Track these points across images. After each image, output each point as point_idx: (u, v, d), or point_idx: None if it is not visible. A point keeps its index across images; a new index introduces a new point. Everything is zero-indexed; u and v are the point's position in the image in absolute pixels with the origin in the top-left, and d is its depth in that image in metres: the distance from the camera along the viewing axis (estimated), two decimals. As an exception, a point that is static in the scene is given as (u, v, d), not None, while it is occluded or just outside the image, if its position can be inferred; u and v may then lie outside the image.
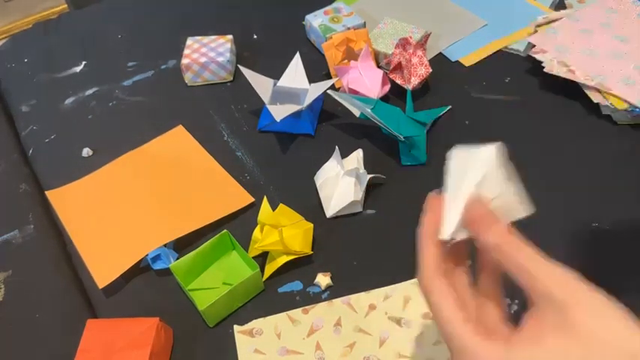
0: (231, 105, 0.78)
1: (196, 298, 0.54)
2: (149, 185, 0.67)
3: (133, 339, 0.49)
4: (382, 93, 0.72)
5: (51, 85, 0.85)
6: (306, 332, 0.52)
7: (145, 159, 0.71)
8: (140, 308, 0.56)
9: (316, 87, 0.71)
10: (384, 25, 0.82)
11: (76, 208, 0.66)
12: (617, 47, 0.73)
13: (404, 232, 0.60)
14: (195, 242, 0.61)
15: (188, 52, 0.81)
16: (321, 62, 0.81)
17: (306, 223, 0.58)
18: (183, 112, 0.78)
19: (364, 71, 0.72)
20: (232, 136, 0.74)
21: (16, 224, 0.65)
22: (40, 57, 0.91)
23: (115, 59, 0.89)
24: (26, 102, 0.83)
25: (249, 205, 0.64)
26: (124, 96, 0.82)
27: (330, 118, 0.75)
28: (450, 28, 0.86)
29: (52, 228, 0.65)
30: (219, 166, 0.69)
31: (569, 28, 0.77)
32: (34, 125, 0.79)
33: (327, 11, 0.86)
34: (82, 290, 0.59)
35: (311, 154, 0.70)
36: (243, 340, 0.52)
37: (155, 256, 0.58)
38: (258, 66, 0.76)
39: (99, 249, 0.61)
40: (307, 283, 0.57)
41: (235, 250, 0.59)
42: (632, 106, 0.66)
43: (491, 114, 0.73)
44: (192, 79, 0.81)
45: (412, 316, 0.53)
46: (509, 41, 0.83)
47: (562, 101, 0.73)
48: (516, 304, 0.52)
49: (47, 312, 0.57)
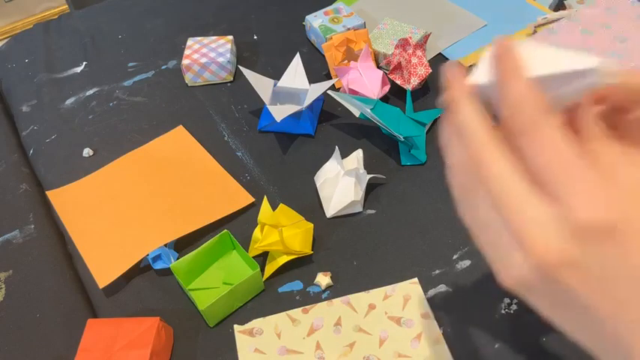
0: (232, 105, 0.78)
1: (196, 297, 0.54)
2: (149, 185, 0.68)
3: (133, 339, 0.49)
4: (382, 93, 0.72)
5: (51, 86, 0.85)
6: (306, 332, 0.52)
7: (145, 159, 0.72)
8: (140, 308, 0.56)
9: (316, 87, 0.71)
10: (384, 26, 0.83)
11: (76, 208, 0.66)
12: (618, 47, 0.73)
13: (404, 232, 0.60)
14: (195, 242, 0.61)
15: (188, 53, 0.81)
16: (321, 62, 0.81)
17: (306, 223, 0.58)
18: (183, 113, 0.78)
19: (364, 71, 0.73)
20: (232, 136, 0.74)
21: (16, 224, 0.65)
22: (40, 57, 0.91)
23: (115, 59, 0.89)
24: (27, 102, 0.83)
25: (249, 205, 0.64)
26: (125, 96, 0.82)
27: (330, 118, 0.75)
28: (450, 28, 0.86)
29: (52, 228, 0.65)
30: (219, 166, 0.69)
31: (568, 28, 0.78)
32: (34, 125, 0.79)
33: (327, 12, 0.86)
34: (82, 290, 0.59)
35: (311, 154, 0.70)
36: (244, 340, 0.52)
37: (155, 255, 0.58)
38: (258, 66, 0.76)
39: (99, 249, 0.61)
40: (307, 283, 0.57)
41: (235, 250, 0.59)
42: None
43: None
44: (192, 79, 0.82)
45: (412, 315, 0.53)
46: (508, 42, 0.83)
47: (562, 101, 0.73)
48: (516, 304, 0.52)
49: (47, 312, 0.57)
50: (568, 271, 0.23)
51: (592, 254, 0.23)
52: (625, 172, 0.24)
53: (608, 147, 0.25)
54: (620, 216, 0.22)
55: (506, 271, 0.25)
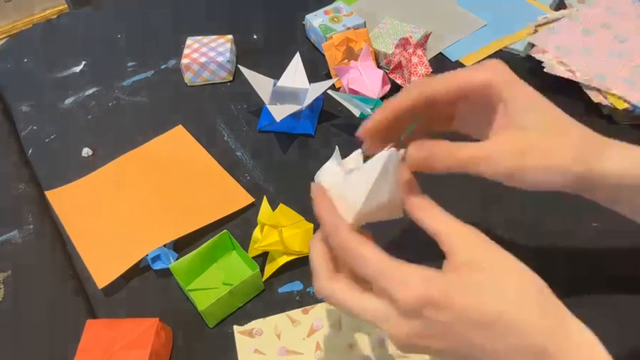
0: (231, 105, 0.78)
1: (196, 298, 0.54)
2: (149, 185, 0.67)
3: (132, 339, 0.49)
4: (382, 93, 0.72)
5: (51, 85, 0.85)
6: (306, 332, 0.52)
7: (144, 159, 0.71)
8: (140, 308, 0.56)
9: (316, 87, 0.71)
10: (384, 25, 0.82)
11: (75, 209, 0.66)
12: (618, 47, 0.73)
13: (404, 232, 0.60)
14: (195, 242, 0.61)
15: (188, 52, 0.81)
16: (321, 62, 0.81)
17: (306, 223, 0.57)
18: (183, 112, 0.78)
19: (364, 71, 0.72)
20: (232, 136, 0.74)
21: (15, 224, 0.65)
22: (39, 57, 0.91)
23: (114, 59, 0.88)
24: (26, 102, 0.83)
25: (249, 205, 0.64)
26: (124, 96, 0.82)
27: (330, 118, 0.74)
28: (450, 28, 0.86)
29: (51, 228, 0.65)
30: (219, 166, 0.69)
31: (569, 28, 0.77)
32: (33, 125, 0.79)
33: (327, 11, 0.85)
34: (81, 290, 0.59)
35: (311, 154, 0.70)
36: (243, 341, 0.52)
37: (155, 256, 0.58)
38: (258, 66, 0.76)
39: (98, 249, 0.61)
40: (307, 283, 0.57)
41: (235, 250, 0.59)
42: (633, 106, 0.66)
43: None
44: (192, 79, 0.81)
45: (412, 316, 0.52)
46: (509, 41, 0.83)
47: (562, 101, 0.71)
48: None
49: (47, 312, 0.57)
50: (420, 340, 0.32)
51: (429, 322, 0.31)
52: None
53: None
54: (438, 290, 0.31)
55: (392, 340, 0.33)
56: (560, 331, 0.31)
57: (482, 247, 0.33)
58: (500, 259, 0.33)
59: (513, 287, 0.31)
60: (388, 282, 0.32)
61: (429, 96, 0.38)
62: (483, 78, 0.36)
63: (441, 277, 0.32)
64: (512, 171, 0.36)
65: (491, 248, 0.33)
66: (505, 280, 0.32)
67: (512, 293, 0.31)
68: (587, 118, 0.70)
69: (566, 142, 0.36)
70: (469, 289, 0.31)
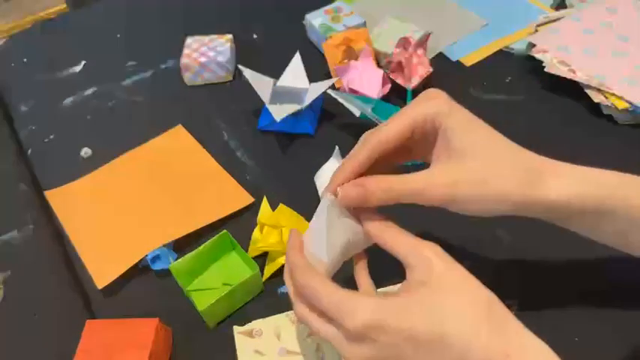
0: (231, 105, 0.78)
1: (196, 298, 0.54)
2: (148, 185, 0.67)
3: (132, 339, 0.48)
4: (382, 93, 0.72)
5: (50, 85, 0.85)
6: (306, 333, 0.52)
7: (144, 159, 0.71)
8: (140, 309, 0.56)
9: (316, 87, 0.71)
10: (385, 25, 0.82)
11: (75, 208, 0.66)
12: (619, 47, 0.73)
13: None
14: (195, 242, 0.60)
15: (187, 52, 0.81)
16: (321, 62, 0.81)
17: (306, 224, 0.57)
18: (182, 112, 0.78)
19: (364, 71, 0.72)
20: (232, 136, 0.74)
21: (14, 224, 0.65)
22: (39, 57, 0.90)
23: (114, 59, 0.88)
24: (25, 102, 0.82)
25: (249, 205, 0.64)
26: (124, 96, 0.82)
27: (330, 118, 0.74)
28: (451, 27, 0.86)
29: (51, 228, 0.64)
30: (219, 166, 0.69)
31: (570, 27, 0.77)
32: (32, 125, 0.79)
33: (327, 11, 0.85)
34: (81, 290, 0.58)
35: (311, 154, 0.70)
36: (243, 341, 0.52)
37: (154, 256, 0.58)
38: (258, 66, 0.75)
39: (98, 249, 0.61)
40: (307, 283, 0.56)
41: (235, 250, 0.59)
42: (634, 106, 0.66)
43: (492, 114, 0.72)
44: (191, 78, 0.81)
45: (412, 316, 0.52)
46: (510, 41, 0.82)
47: (563, 101, 0.73)
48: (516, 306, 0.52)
49: (46, 312, 0.57)
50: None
51: (378, 346, 0.33)
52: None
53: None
54: (384, 315, 0.33)
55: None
56: (507, 347, 0.31)
57: (437, 267, 0.34)
58: (451, 278, 0.34)
59: (460, 306, 0.32)
60: (338, 312, 0.35)
61: (384, 144, 0.39)
62: (426, 112, 0.38)
63: (389, 302, 0.34)
64: (446, 202, 0.37)
65: (446, 266, 0.34)
66: (452, 300, 0.33)
67: (457, 313, 0.32)
68: (588, 117, 0.70)
69: (503, 170, 0.36)
70: (416, 310, 0.33)
